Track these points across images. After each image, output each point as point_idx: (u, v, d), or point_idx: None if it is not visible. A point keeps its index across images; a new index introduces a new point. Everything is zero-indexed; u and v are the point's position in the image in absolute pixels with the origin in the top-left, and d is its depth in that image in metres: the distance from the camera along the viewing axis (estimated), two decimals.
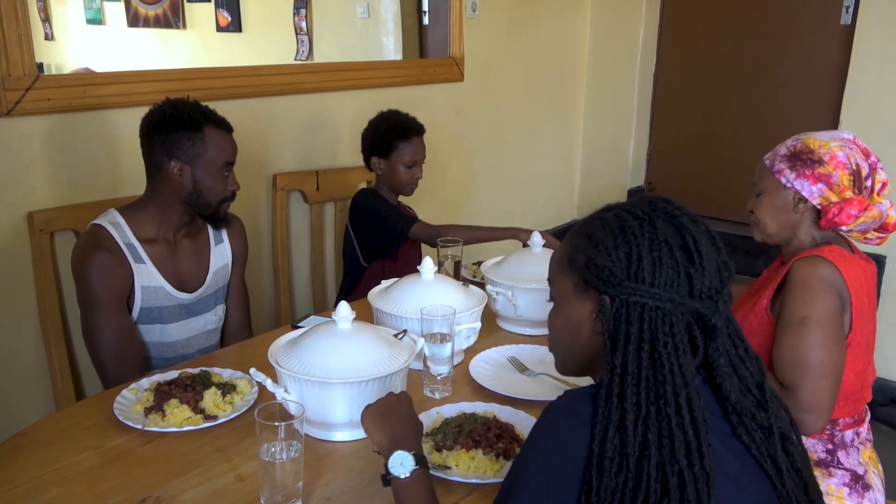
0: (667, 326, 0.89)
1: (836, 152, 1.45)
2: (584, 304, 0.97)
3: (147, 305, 1.74)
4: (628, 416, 0.86)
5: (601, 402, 0.88)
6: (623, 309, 0.91)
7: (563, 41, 3.87)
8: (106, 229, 1.69)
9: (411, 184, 2.39)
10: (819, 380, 1.35)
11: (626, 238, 0.92)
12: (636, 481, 0.84)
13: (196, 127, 1.70)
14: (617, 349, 0.90)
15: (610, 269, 0.92)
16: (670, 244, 0.91)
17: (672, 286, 0.89)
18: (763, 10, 3.61)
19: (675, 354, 0.88)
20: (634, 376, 0.87)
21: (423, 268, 1.67)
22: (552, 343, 1.08)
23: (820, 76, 3.46)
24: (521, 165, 3.78)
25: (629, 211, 0.96)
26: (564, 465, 0.87)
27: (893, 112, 3.12)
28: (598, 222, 0.97)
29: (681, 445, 0.84)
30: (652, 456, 0.84)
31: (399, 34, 3.84)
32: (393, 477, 1.03)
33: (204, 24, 5.04)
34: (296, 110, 2.59)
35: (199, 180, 1.73)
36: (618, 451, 0.85)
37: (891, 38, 3.07)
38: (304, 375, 1.27)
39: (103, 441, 1.32)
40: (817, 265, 1.41)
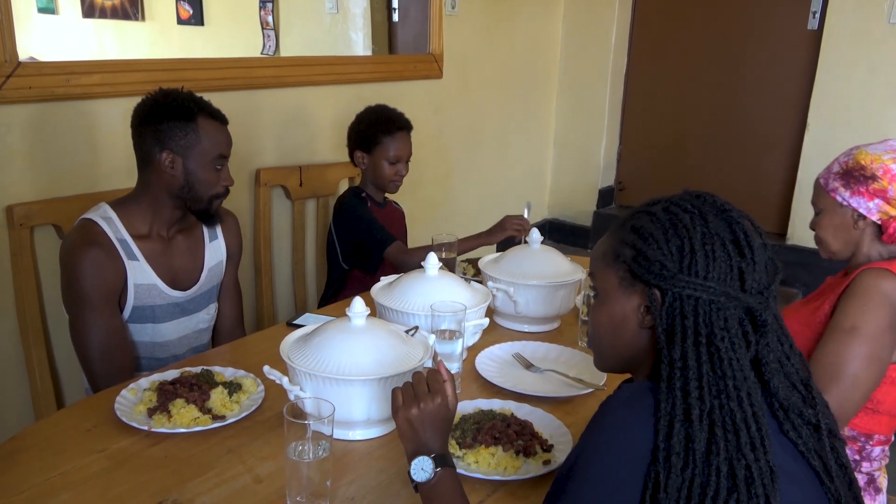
0: (721, 321, 0.88)
1: (890, 165, 1.42)
2: (631, 299, 0.96)
3: (140, 304, 1.67)
4: (693, 411, 0.85)
5: (663, 395, 0.87)
6: (677, 303, 0.89)
7: (537, 41, 3.89)
8: (98, 224, 1.61)
9: (395, 180, 2.33)
10: (850, 391, 1.35)
11: (677, 231, 0.91)
12: (704, 477, 0.83)
13: (189, 117, 1.63)
14: (674, 343, 0.88)
15: (661, 261, 0.91)
16: (722, 238, 0.90)
17: (725, 280, 0.89)
18: (733, 14, 3.69)
19: (731, 349, 0.87)
20: (695, 371, 0.86)
21: (428, 264, 1.65)
22: (592, 339, 1.06)
23: (788, 79, 3.56)
24: (496, 164, 3.79)
25: (677, 204, 0.94)
26: (627, 460, 0.86)
27: (859, 114, 3.22)
28: (645, 216, 0.95)
29: (746, 440, 0.84)
30: (721, 451, 0.83)
31: (368, 30, 3.80)
32: (417, 483, 1.02)
33: (164, 17, 4.90)
34: (277, 104, 2.54)
35: (191, 172, 1.65)
36: (683, 447, 0.83)
37: (856, 43, 3.17)
38: (324, 373, 1.23)
39: (107, 443, 1.26)
40: (884, 278, 1.39)
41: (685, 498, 0.83)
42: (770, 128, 3.65)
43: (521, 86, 3.84)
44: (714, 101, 3.83)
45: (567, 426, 1.33)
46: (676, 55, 3.93)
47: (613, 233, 1.00)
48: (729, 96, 3.78)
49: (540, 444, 1.25)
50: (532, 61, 3.89)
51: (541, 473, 1.19)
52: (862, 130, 3.20)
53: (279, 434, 1.31)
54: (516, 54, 3.73)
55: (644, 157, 4.15)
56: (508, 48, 3.65)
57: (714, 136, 3.85)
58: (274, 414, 1.38)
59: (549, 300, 1.79)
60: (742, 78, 3.72)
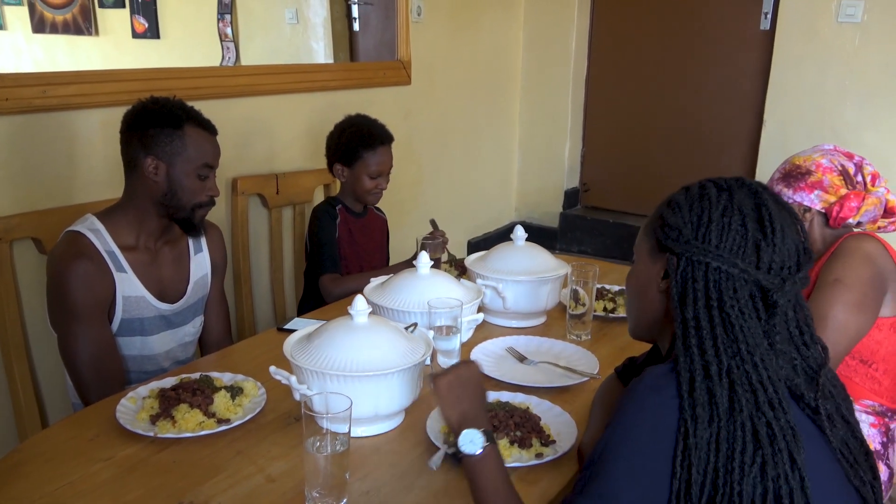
0: (730, 290, 0.92)
1: (820, 160, 1.60)
2: (655, 265, 1.03)
3: (128, 316, 1.65)
4: (711, 367, 0.89)
5: (680, 352, 0.91)
6: (689, 267, 0.95)
7: (500, 47, 3.95)
8: (85, 236, 1.59)
9: (375, 193, 2.30)
10: (837, 335, 1.44)
11: (701, 203, 0.98)
12: (729, 432, 0.87)
13: (176, 124, 1.63)
14: (686, 305, 0.94)
15: (679, 228, 0.97)
16: (744, 213, 0.95)
17: (737, 253, 0.93)
18: (688, 17, 3.81)
19: (742, 317, 0.91)
20: (708, 330, 0.91)
21: (420, 262, 1.67)
22: (627, 305, 1.14)
23: (743, 78, 3.68)
24: (465, 168, 3.83)
25: (713, 181, 1.01)
26: (655, 441, 0.89)
27: (812, 110, 3.35)
28: (682, 190, 1.03)
29: (764, 399, 0.88)
30: (744, 407, 0.87)
31: (329, 40, 3.81)
32: (464, 455, 1.04)
33: (118, 31, 4.84)
34: (249, 113, 2.54)
35: (175, 180, 1.64)
36: (707, 402, 0.88)
37: (807, 42, 3.30)
38: (331, 370, 1.24)
39: (113, 451, 1.25)
40: (866, 240, 1.53)
41: (714, 451, 0.86)
42: (728, 125, 3.77)
43: (486, 91, 3.89)
44: (674, 102, 3.94)
45: None
46: (635, 59, 4.02)
47: (658, 207, 1.07)
48: (688, 96, 3.89)
49: (540, 438, 1.28)
50: (496, 67, 3.95)
51: (528, 464, 1.21)
52: (815, 125, 3.33)
53: (286, 435, 1.32)
54: (480, 60, 3.78)
55: (607, 158, 4.23)
56: (473, 55, 3.70)
57: (675, 135, 3.95)
58: (278, 416, 1.38)
59: (537, 295, 1.82)
60: (700, 78, 3.84)
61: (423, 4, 3.29)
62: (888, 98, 3.16)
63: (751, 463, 0.86)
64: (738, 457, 0.86)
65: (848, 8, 3.18)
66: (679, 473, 0.88)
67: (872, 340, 1.53)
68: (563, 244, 4.17)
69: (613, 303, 1.94)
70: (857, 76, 3.21)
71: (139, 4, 4.71)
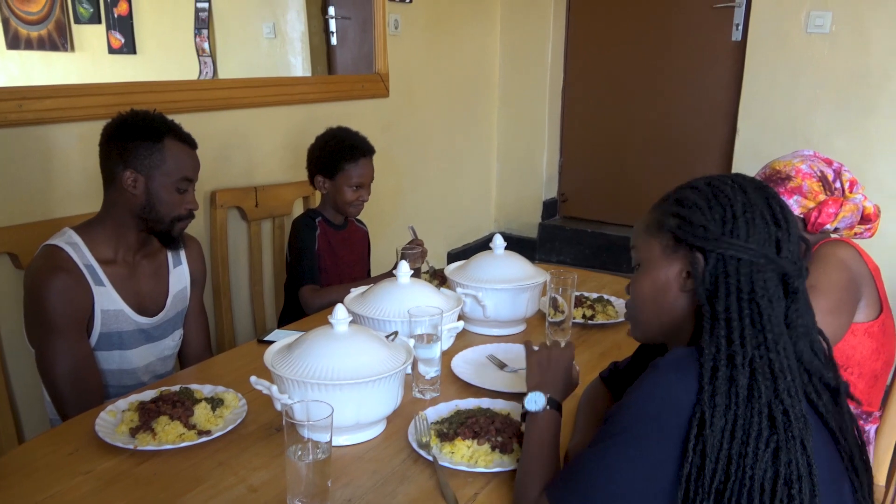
0: (762, 281, 0.96)
1: (800, 166, 1.62)
2: (673, 265, 1.04)
3: (107, 330, 1.64)
4: (736, 358, 0.92)
5: (706, 343, 0.94)
6: (720, 263, 0.98)
7: (476, 60, 3.99)
8: (63, 250, 1.58)
9: (357, 205, 2.30)
10: None
11: (719, 200, 1.00)
12: (746, 419, 0.90)
13: (156, 137, 1.63)
14: (718, 299, 0.96)
15: (705, 226, 0.99)
16: (760, 208, 0.99)
17: (764, 245, 0.98)
18: (662, 28, 3.86)
19: (771, 306, 0.95)
20: (738, 322, 0.94)
21: (400, 272, 1.68)
22: (633, 310, 1.13)
23: (717, 88, 3.74)
24: (444, 179, 3.85)
25: (719, 179, 1.04)
26: (670, 416, 0.93)
27: (784, 118, 3.41)
28: (688, 190, 1.05)
29: (784, 387, 0.91)
30: (763, 395, 0.91)
31: (307, 54, 3.82)
32: (525, 410, 1.16)
33: (94, 47, 4.82)
34: (228, 127, 2.54)
35: (153, 193, 1.64)
36: (726, 390, 0.91)
37: (778, 52, 3.36)
38: (312, 379, 1.25)
39: (92, 465, 1.24)
40: (838, 246, 1.55)
41: (728, 438, 0.89)
42: (703, 134, 3.82)
43: (463, 103, 3.92)
44: (649, 112, 3.99)
45: None
46: (611, 70, 4.07)
47: (656, 207, 1.08)
48: (663, 107, 3.94)
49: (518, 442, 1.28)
50: (473, 79, 3.98)
51: (509, 469, 1.23)
52: (787, 132, 3.39)
53: (267, 445, 1.32)
54: (458, 73, 3.81)
55: (585, 168, 4.27)
56: (450, 67, 3.73)
57: (651, 145, 4.00)
58: (259, 427, 1.38)
59: (517, 302, 1.83)
60: (674, 89, 3.89)
61: (401, 18, 3.31)
62: (857, 105, 3.23)
63: (764, 448, 0.89)
64: (753, 442, 0.89)
65: (816, 19, 3.25)
66: (691, 458, 0.91)
67: (847, 345, 1.55)
68: (542, 254, 4.20)
69: (592, 310, 1.95)
70: (827, 85, 3.28)
71: (115, 20, 4.70)
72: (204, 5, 4.26)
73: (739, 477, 0.89)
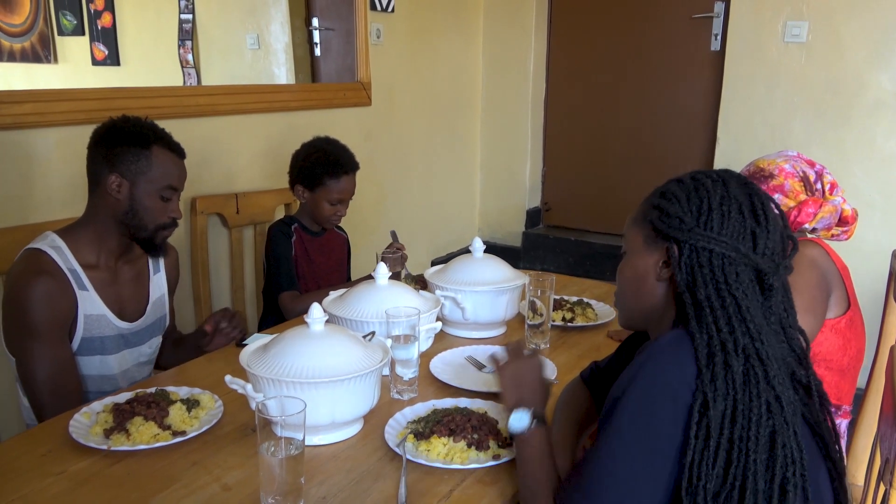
0: (734, 274, 0.98)
1: (784, 165, 1.65)
2: (652, 255, 1.07)
3: (89, 335, 1.63)
4: (728, 344, 0.94)
5: (695, 329, 0.96)
6: (693, 255, 1.00)
7: (459, 69, 4.01)
8: (47, 254, 1.57)
9: (333, 219, 2.30)
10: None
11: (698, 193, 1.03)
12: (746, 404, 0.91)
13: (144, 143, 1.63)
14: (697, 287, 0.98)
15: (680, 217, 1.02)
16: (740, 203, 1.01)
17: (738, 238, 0.99)
18: (641, 39, 3.91)
19: (747, 298, 0.97)
20: (721, 310, 0.96)
21: (378, 273, 1.68)
22: (619, 295, 1.16)
23: (697, 98, 3.78)
24: (427, 188, 3.86)
25: (705, 173, 1.06)
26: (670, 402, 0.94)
27: (763, 127, 3.45)
28: (674, 182, 1.08)
29: (774, 374, 0.93)
30: (759, 380, 0.92)
31: (291, 65, 3.84)
32: (512, 432, 1.15)
33: (78, 58, 4.81)
34: (208, 133, 2.54)
35: (137, 199, 1.63)
36: (723, 376, 0.92)
37: (756, 61, 3.40)
38: (287, 378, 1.25)
39: (65, 466, 1.23)
40: (806, 246, 1.57)
41: (729, 423, 0.91)
42: (683, 143, 3.86)
43: (446, 112, 3.94)
44: (630, 122, 4.02)
45: None
46: (592, 80, 4.11)
47: (646, 199, 1.11)
48: (644, 116, 3.98)
49: (497, 440, 1.29)
50: (456, 89, 4.00)
51: (485, 465, 1.23)
52: (766, 141, 3.42)
53: (243, 445, 1.31)
54: (440, 82, 3.83)
55: (567, 177, 4.30)
56: (432, 76, 3.75)
57: (632, 154, 4.03)
58: (235, 427, 1.38)
59: (496, 305, 1.84)
60: (655, 99, 3.93)
61: (383, 27, 3.33)
62: (833, 114, 3.27)
63: (764, 432, 0.91)
64: (755, 427, 0.91)
65: (793, 28, 3.29)
66: (693, 444, 0.92)
67: (815, 341, 1.58)
68: (526, 263, 4.21)
69: (572, 313, 1.96)
70: (804, 93, 3.32)
71: (99, 32, 4.70)
72: (188, 17, 4.27)
73: (743, 462, 0.91)
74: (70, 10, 4.77)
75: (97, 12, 4.69)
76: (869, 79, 3.17)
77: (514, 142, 4.24)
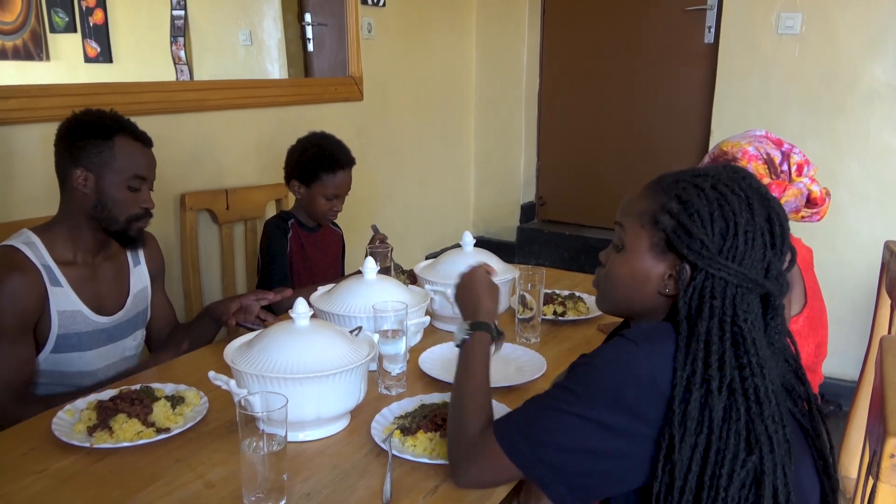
0: (745, 304, 0.93)
1: (747, 148, 1.61)
2: (658, 265, 1.00)
3: (64, 332, 1.62)
4: (713, 382, 0.89)
5: (680, 365, 0.91)
6: (708, 282, 0.94)
7: (452, 64, 3.99)
8: (20, 250, 1.56)
9: (329, 215, 2.30)
10: None
11: (723, 213, 0.95)
12: (721, 442, 0.88)
13: (106, 135, 1.61)
14: (702, 318, 0.93)
15: (703, 240, 0.94)
16: (762, 228, 0.95)
17: (756, 268, 0.94)
18: (635, 32, 3.89)
19: (753, 329, 0.92)
20: (717, 346, 0.91)
21: (366, 268, 1.67)
22: (606, 282, 1.10)
23: (691, 91, 3.76)
24: (420, 184, 3.84)
25: (726, 184, 0.97)
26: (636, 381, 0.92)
27: (757, 120, 3.43)
28: (693, 189, 0.98)
29: (769, 412, 0.89)
30: (741, 417, 0.88)
31: (284, 61, 3.82)
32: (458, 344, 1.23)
33: (70, 56, 4.80)
34: (198, 129, 2.52)
35: (104, 191, 1.61)
36: (699, 413, 0.89)
37: (750, 54, 3.39)
38: (272, 373, 1.23)
39: (47, 464, 1.22)
40: None
41: (699, 461, 0.88)
42: (678, 136, 3.84)
43: (440, 107, 3.92)
44: (624, 115, 4.01)
45: None
46: (586, 74, 4.09)
47: (654, 194, 1.02)
48: (638, 110, 3.96)
49: None
50: (449, 83, 3.98)
51: None
52: None
53: (228, 442, 1.30)
54: (433, 77, 3.81)
55: (562, 172, 4.28)
56: (425, 71, 3.73)
57: (626, 147, 4.02)
58: (220, 424, 1.36)
59: None
60: (648, 92, 3.91)
61: (374, 22, 3.31)
62: (827, 106, 3.26)
63: (741, 468, 0.87)
64: (728, 465, 0.87)
65: (787, 20, 3.28)
66: (660, 476, 0.90)
67: None
68: (521, 258, 4.19)
69: (563, 307, 1.95)
70: (799, 86, 3.31)
71: (91, 29, 4.68)
72: (180, 13, 4.25)
73: (712, 497, 0.88)
74: (62, 7, 4.75)
75: (89, 9, 4.67)
76: (863, 70, 3.16)
77: (509, 136, 4.23)
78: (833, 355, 2.08)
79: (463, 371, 1.18)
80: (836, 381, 3.02)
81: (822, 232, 2.55)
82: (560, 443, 0.95)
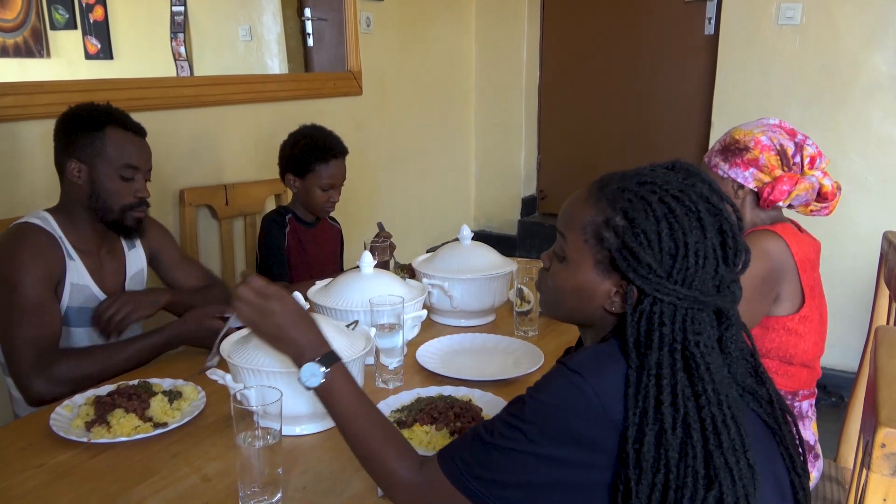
0: (696, 325, 0.88)
1: (760, 137, 1.56)
2: (604, 282, 0.94)
3: (74, 305, 1.65)
4: (666, 421, 0.84)
5: (631, 403, 0.85)
6: (656, 307, 0.88)
7: (452, 58, 3.98)
8: (36, 223, 1.61)
9: (327, 206, 2.29)
10: None
11: (672, 233, 0.88)
12: (680, 480, 0.83)
13: (97, 126, 1.63)
14: (651, 349, 0.87)
15: (650, 264, 0.88)
16: (713, 243, 0.89)
17: (706, 286, 0.89)
18: (635, 24, 3.88)
19: (707, 353, 0.87)
20: (669, 378, 0.86)
21: (363, 262, 1.67)
22: (550, 291, 1.03)
23: (691, 83, 3.75)
24: (420, 178, 3.84)
25: (675, 197, 0.90)
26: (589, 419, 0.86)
27: (758, 112, 3.39)
28: (639, 203, 0.91)
29: (728, 444, 0.84)
30: (698, 453, 0.83)
31: (284, 56, 3.81)
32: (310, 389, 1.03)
33: (71, 53, 4.80)
34: (197, 124, 2.52)
35: (97, 182, 1.64)
36: (654, 454, 0.84)
37: (750, 45, 3.37)
38: (268, 368, 1.24)
39: (45, 459, 1.22)
40: (766, 237, 1.51)
41: (659, 499, 0.83)
42: (678, 128, 3.83)
43: (439, 101, 3.92)
44: (624, 108, 4.00)
45: None
46: (586, 66, 4.08)
47: (597, 203, 0.95)
48: (638, 101, 3.95)
49: None
50: (449, 77, 3.98)
51: None
52: None
53: (225, 437, 1.30)
54: (433, 71, 3.81)
55: (562, 165, 4.28)
56: (425, 65, 3.73)
57: (626, 140, 4.01)
58: (217, 419, 1.37)
59: (484, 293, 1.83)
60: (649, 84, 3.90)
61: (373, 16, 3.31)
62: (828, 98, 3.24)
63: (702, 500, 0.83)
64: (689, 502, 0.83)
65: (787, 11, 3.26)
66: None
67: (767, 339, 1.55)
68: (522, 252, 4.19)
69: None
70: (799, 77, 3.29)
71: (91, 25, 4.68)
72: (179, 9, 4.24)
73: None
74: (62, 3, 4.75)
75: (89, 6, 4.66)
76: (864, 61, 3.14)
77: (509, 130, 4.22)
78: (834, 347, 2.07)
79: (341, 416, 1.02)
80: (837, 373, 3.02)
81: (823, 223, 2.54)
82: (516, 481, 0.90)
